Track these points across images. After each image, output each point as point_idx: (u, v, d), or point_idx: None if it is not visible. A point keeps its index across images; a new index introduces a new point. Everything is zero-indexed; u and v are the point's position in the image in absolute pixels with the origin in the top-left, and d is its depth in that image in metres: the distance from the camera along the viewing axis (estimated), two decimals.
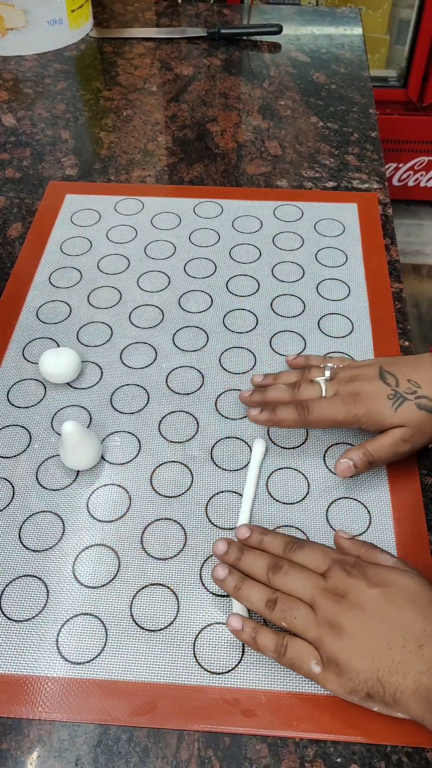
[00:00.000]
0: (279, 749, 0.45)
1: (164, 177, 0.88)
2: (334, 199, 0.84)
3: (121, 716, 0.46)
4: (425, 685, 0.40)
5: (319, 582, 0.46)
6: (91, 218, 0.81)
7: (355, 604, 0.44)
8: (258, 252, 0.77)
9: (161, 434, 0.60)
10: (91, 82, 1.07)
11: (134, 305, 0.71)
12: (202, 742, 0.45)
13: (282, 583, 0.47)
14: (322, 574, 0.46)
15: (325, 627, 0.44)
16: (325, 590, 0.45)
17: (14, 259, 0.76)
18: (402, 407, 0.54)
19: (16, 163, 0.90)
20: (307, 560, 0.48)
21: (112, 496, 0.56)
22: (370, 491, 0.56)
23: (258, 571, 0.48)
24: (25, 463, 0.58)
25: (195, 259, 0.76)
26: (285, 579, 0.47)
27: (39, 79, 1.07)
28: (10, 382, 0.64)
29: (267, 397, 0.59)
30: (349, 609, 0.44)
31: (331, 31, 1.19)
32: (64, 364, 0.62)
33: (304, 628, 0.45)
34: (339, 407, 0.55)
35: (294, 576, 0.47)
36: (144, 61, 1.12)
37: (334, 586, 0.45)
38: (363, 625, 0.43)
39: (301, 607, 0.45)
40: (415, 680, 0.41)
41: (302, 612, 0.45)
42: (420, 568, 0.52)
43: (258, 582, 0.48)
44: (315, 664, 0.44)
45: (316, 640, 0.44)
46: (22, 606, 0.50)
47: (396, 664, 0.41)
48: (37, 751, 0.45)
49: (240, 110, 1.00)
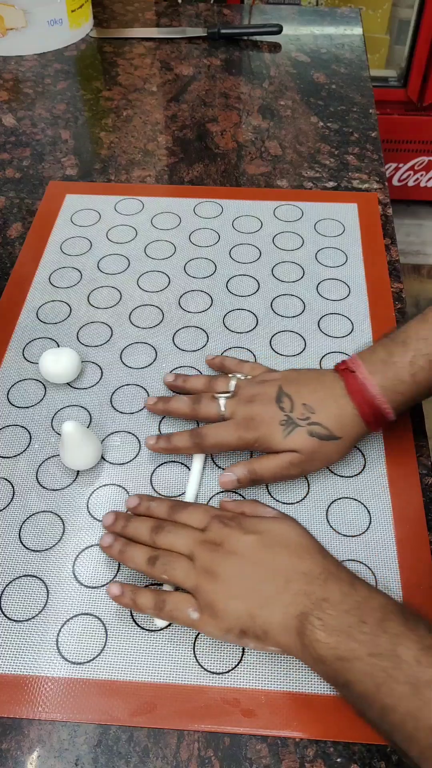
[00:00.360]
0: (279, 749, 0.45)
1: (164, 177, 0.88)
2: (334, 199, 0.84)
3: (121, 716, 0.46)
4: (290, 613, 0.43)
5: (198, 536, 0.48)
6: (91, 218, 0.81)
7: (230, 551, 0.46)
8: (258, 252, 0.77)
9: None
10: (91, 82, 1.07)
11: (134, 305, 0.71)
12: (202, 742, 0.45)
13: (164, 542, 0.49)
14: (202, 530, 0.49)
15: (202, 575, 0.46)
16: (204, 542, 0.48)
17: (14, 259, 0.76)
18: (292, 434, 0.54)
19: (16, 163, 0.90)
20: (190, 519, 0.50)
21: (112, 496, 0.56)
22: (370, 491, 0.56)
23: (142, 532, 0.50)
24: (25, 463, 0.58)
25: (195, 259, 0.76)
26: (167, 537, 0.49)
27: (39, 79, 1.07)
28: (10, 382, 0.64)
29: (168, 407, 0.59)
30: (225, 556, 0.46)
31: (331, 31, 1.19)
32: (64, 364, 0.62)
33: (183, 578, 0.47)
34: (232, 433, 0.55)
35: (175, 533, 0.49)
36: (144, 61, 1.12)
37: (212, 538, 0.48)
38: (236, 569, 0.46)
39: (180, 559, 0.48)
40: (282, 611, 0.43)
41: (181, 564, 0.47)
42: (420, 568, 0.52)
43: (142, 545, 0.50)
44: (192, 611, 0.46)
45: (194, 588, 0.46)
46: (22, 606, 0.50)
47: (265, 599, 0.44)
48: (37, 751, 0.45)
49: (240, 110, 1.00)
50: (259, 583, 0.45)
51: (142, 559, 0.49)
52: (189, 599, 0.46)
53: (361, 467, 0.58)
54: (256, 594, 0.45)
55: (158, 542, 0.49)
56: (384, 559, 0.52)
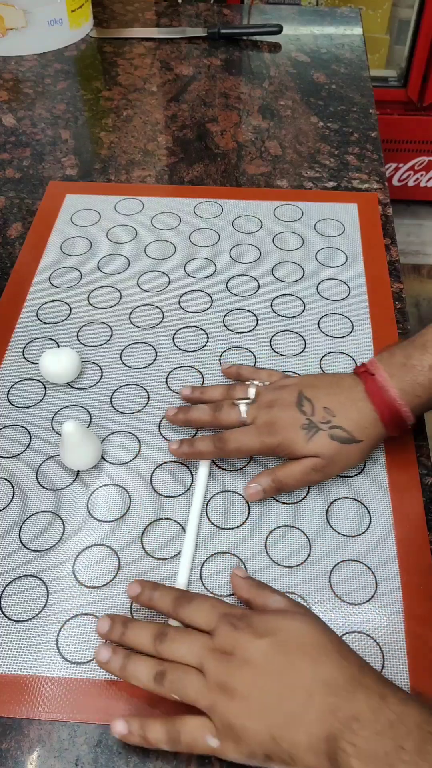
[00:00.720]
0: None
1: (164, 177, 0.88)
2: (334, 199, 0.84)
3: (121, 716, 0.45)
4: (317, 735, 0.38)
5: (207, 642, 0.43)
6: (91, 218, 0.81)
7: (244, 661, 0.42)
8: (258, 252, 0.77)
9: (161, 434, 0.60)
10: (91, 82, 1.07)
11: (134, 305, 0.71)
12: None
13: (169, 652, 0.44)
14: (210, 632, 0.44)
15: (216, 692, 0.41)
16: (213, 650, 0.43)
17: (14, 259, 0.76)
18: (314, 438, 0.53)
19: (16, 163, 0.90)
20: (196, 617, 0.45)
21: (112, 496, 0.56)
22: (370, 491, 0.56)
23: (144, 642, 0.45)
24: (25, 463, 0.58)
25: (195, 259, 0.76)
26: (172, 647, 0.44)
27: (39, 79, 1.07)
28: (10, 382, 0.64)
29: (189, 417, 0.59)
30: (238, 667, 0.42)
31: (331, 31, 1.19)
32: (64, 364, 0.62)
33: (195, 697, 0.42)
34: (254, 438, 0.54)
35: (181, 642, 0.44)
36: (144, 61, 1.12)
37: (222, 645, 0.43)
38: (252, 683, 0.41)
39: (190, 674, 0.43)
40: (307, 732, 0.39)
41: (192, 680, 0.42)
42: (420, 568, 0.52)
43: (145, 655, 0.45)
44: (211, 738, 0.41)
45: (209, 708, 0.41)
46: (22, 606, 0.50)
47: (287, 717, 0.39)
48: (37, 751, 0.45)
49: (240, 110, 1.00)
50: (278, 699, 0.40)
51: (149, 677, 0.44)
52: (205, 724, 0.41)
53: (361, 467, 0.58)
54: (278, 712, 0.40)
55: (163, 653, 0.44)
56: (384, 559, 0.52)
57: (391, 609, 0.50)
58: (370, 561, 0.52)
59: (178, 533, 0.54)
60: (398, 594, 0.51)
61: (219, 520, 0.55)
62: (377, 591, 0.51)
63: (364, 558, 0.53)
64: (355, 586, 0.51)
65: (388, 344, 0.59)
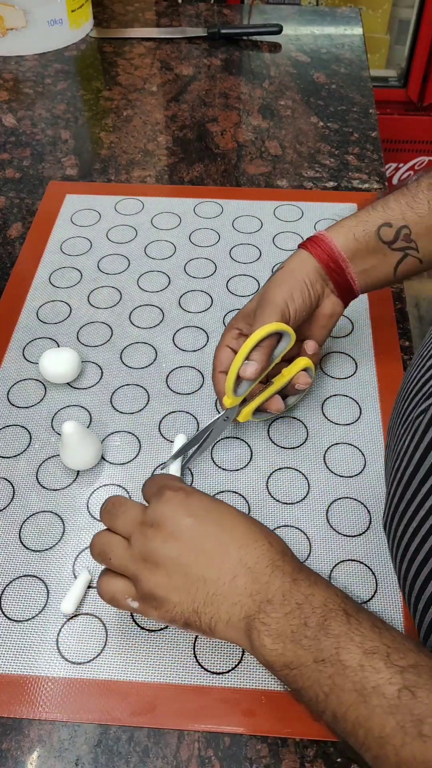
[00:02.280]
0: (279, 749, 0.45)
1: (164, 177, 0.88)
2: (334, 199, 0.84)
3: (121, 716, 0.46)
4: (236, 614, 0.41)
5: (137, 515, 0.45)
6: (91, 218, 0.81)
7: (170, 534, 0.43)
8: (258, 252, 0.77)
9: (161, 434, 0.60)
10: (91, 82, 1.07)
11: (134, 305, 0.71)
12: (202, 742, 0.45)
13: (107, 522, 0.46)
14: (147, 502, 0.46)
15: (139, 562, 0.43)
16: (143, 523, 0.44)
17: (14, 259, 0.76)
18: None
19: (16, 163, 0.90)
20: (144, 488, 0.48)
21: None
22: (370, 491, 0.56)
23: (101, 514, 0.48)
24: (25, 463, 0.58)
25: (195, 259, 0.76)
26: (109, 518, 0.46)
27: (39, 79, 1.07)
28: (10, 382, 0.64)
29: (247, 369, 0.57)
30: (164, 540, 0.43)
31: (331, 31, 1.19)
32: (64, 364, 0.62)
33: (119, 563, 0.44)
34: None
35: (115, 513, 0.46)
36: (144, 61, 1.12)
37: (151, 517, 0.44)
38: (178, 558, 0.43)
39: (116, 543, 0.45)
40: (227, 611, 0.41)
41: (117, 548, 0.44)
42: None
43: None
44: (131, 601, 0.44)
45: (133, 577, 0.43)
46: (22, 606, 0.50)
47: (211, 596, 0.42)
48: (37, 751, 0.45)
49: (240, 110, 1.00)
50: (203, 577, 0.42)
51: (92, 549, 0.46)
52: (127, 588, 0.44)
53: (361, 467, 0.58)
54: (201, 590, 0.42)
55: (104, 523, 0.47)
56: (384, 559, 0.52)
57: (391, 609, 0.50)
58: (370, 561, 0.52)
59: None
60: (398, 594, 0.51)
61: None
62: (377, 591, 0.51)
63: (364, 558, 0.53)
64: (355, 586, 0.51)
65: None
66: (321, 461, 0.58)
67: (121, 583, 0.44)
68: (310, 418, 0.62)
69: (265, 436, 0.60)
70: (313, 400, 0.63)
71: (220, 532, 0.43)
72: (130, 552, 0.44)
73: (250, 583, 0.42)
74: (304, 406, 0.62)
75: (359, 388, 0.64)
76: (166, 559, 0.43)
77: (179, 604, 0.42)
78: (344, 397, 0.63)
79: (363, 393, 0.63)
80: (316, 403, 0.63)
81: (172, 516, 0.44)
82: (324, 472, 0.58)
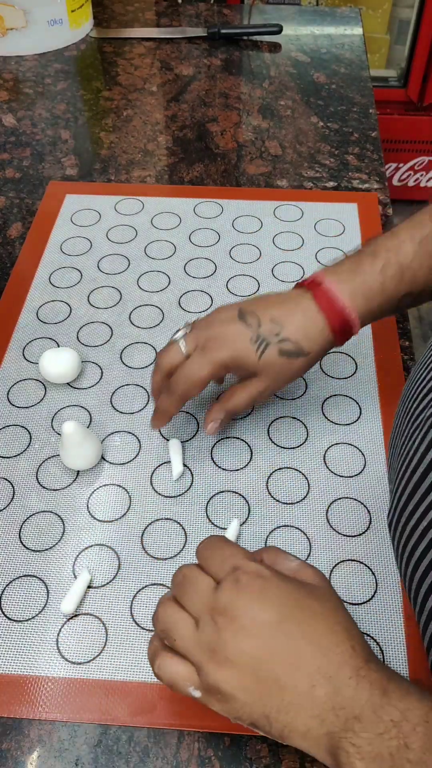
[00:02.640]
0: (279, 749, 0.45)
1: (164, 177, 0.88)
2: (334, 199, 0.84)
3: (121, 716, 0.46)
4: (316, 728, 0.36)
5: (210, 598, 0.40)
6: (91, 218, 0.81)
7: (243, 629, 0.38)
8: (258, 252, 0.77)
9: (161, 434, 0.60)
10: (91, 82, 1.07)
11: (134, 305, 0.71)
12: (202, 742, 0.45)
13: (176, 592, 0.42)
14: (218, 583, 0.41)
15: (205, 653, 0.39)
16: (213, 609, 0.39)
17: (14, 259, 0.76)
18: (265, 354, 0.52)
19: (16, 163, 0.90)
20: (210, 560, 0.42)
21: (112, 496, 0.56)
22: (370, 491, 0.56)
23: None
24: (25, 463, 0.58)
25: (195, 259, 0.76)
26: (179, 588, 0.42)
27: (39, 79, 1.07)
28: (10, 382, 0.64)
29: (152, 386, 0.58)
30: (235, 635, 0.38)
31: (331, 31, 1.19)
32: (64, 364, 0.62)
33: (183, 649, 0.40)
34: (201, 363, 0.52)
35: (184, 588, 0.42)
36: (144, 61, 1.12)
37: (224, 605, 0.39)
38: (250, 655, 0.38)
39: (183, 623, 0.40)
40: (305, 723, 0.37)
41: (182, 632, 0.40)
42: None
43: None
44: (193, 690, 0.39)
45: (197, 666, 0.39)
46: (22, 606, 0.50)
47: (286, 704, 0.37)
48: (37, 751, 0.45)
49: (240, 110, 1.00)
50: (277, 683, 0.37)
51: (155, 619, 0.42)
52: (190, 675, 0.39)
53: (361, 467, 0.58)
54: (275, 697, 0.37)
55: (173, 593, 0.42)
56: (384, 559, 0.52)
57: (391, 609, 0.50)
58: (369, 561, 0.52)
59: (178, 533, 0.54)
60: (398, 594, 0.51)
61: (219, 519, 0.55)
62: (377, 591, 0.51)
63: (364, 558, 0.53)
64: (355, 586, 0.51)
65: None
66: (321, 461, 0.58)
67: (183, 669, 0.40)
68: (310, 418, 0.62)
69: (265, 436, 0.60)
70: (313, 400, 0.63)
71: (297, 633, 0.38)
72: (197, 637, 0.39)
73: (332, 695, 0.36)
74: (304, 406, 0.62)
75: (359, 388, 0.64)
76: (237, 656, 0.38)
77: (247, 705, 0.38)
78: (344, 397, 0.63)
79: (363, 393, 0.63)
80: (316, 403, 0.63)
81: (246, 608, 0.39)
82: (324, 472, 0.58)
